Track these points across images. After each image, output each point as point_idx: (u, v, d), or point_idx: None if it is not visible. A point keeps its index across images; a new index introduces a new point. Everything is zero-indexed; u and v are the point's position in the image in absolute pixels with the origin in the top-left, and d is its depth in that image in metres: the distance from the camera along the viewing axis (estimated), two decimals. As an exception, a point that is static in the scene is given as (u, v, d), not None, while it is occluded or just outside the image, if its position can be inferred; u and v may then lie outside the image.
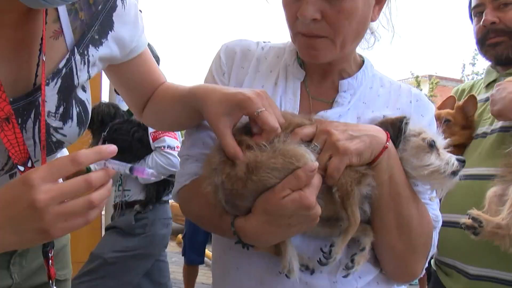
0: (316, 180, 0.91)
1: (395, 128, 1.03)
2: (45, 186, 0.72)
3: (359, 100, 1.14)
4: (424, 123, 1.15)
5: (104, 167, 0.80)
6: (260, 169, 0.90)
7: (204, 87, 1.06)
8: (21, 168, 0.90)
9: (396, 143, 1.02)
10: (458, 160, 1.03)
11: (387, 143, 0.99)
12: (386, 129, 1.02)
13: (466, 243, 1.53)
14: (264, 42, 1.26)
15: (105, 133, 3.25)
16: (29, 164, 0.91)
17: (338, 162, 0.94)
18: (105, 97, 4.33)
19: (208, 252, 5.01)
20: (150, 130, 3.09)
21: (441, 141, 1.06)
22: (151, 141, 3.11)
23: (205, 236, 4.59)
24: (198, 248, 4.69)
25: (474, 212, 1.49)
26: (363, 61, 1.22)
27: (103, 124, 3.35)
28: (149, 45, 3.75)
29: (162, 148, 3.10)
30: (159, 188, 3.19)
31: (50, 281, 0.96)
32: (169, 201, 3.38)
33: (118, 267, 3.01)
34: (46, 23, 0.98)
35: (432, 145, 1.02)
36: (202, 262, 4.89)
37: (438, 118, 1.87)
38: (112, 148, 0.79)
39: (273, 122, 0.94)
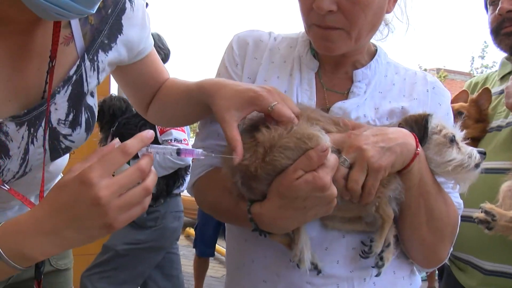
0: (332, 160, 0.90)
1: (420, 127, 1.02)
2: (104, 182, 0.73)
3: (374, 89, 1.14)
4: (442, 112, 1.14)
5: (147, 152, 0.80)
6: (273, 149, 0.90)
7: (214, 81, 1.06)
8: (6, 187, 0.91)
9: (422, 142, 1.01)
10: (479, 152, 1.03)
11: (418, 149, 0.98)
12: (411, 128, 1.02)
13: (482, 238, 1.53)
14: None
15: (113, 128, 3.25)
16: (5, 187, 0.91)
17: (373, 180, 0.94)
18: (113, 90, 4.32)
19: (218, 246, 5.02)
20: None
21: (459, 134, 1.05)
22: (158, 134, 3.10)
23: (216, 229, 4.60)
24: (208, 240, 4.70)
25: (487, 205, 1.48)
26: (376, 50, 1.20)
27: (114, 118, 3.35)
28: (160, 37, 3.71)
29: (169, 141, 3.09)
30: (169, 182, 3.20)
31: None
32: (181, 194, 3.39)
33: (129, 259, 3.04)
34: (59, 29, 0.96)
35: (452, 140, 1.02)
36: (212, 254, 4.89)
37: None
38: (151, 133, 0.80)
39: (289, 113, 0.94)
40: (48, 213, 0.75)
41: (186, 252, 6.56)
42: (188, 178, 3.26)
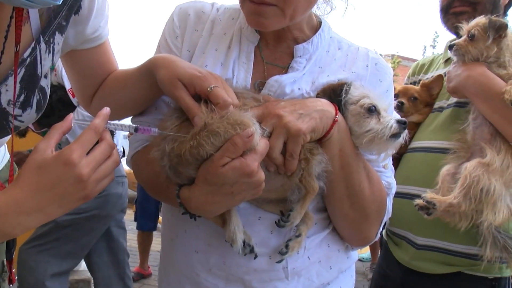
0: (262, 145, 0.90)
1: (337, 96, 1.02)
2: (84, 161, 0.81)
3: (314, 64, 1.12)
4: (381, 89, 1.14)
5: (106, 128, 0.88)
6: (202, 133, 0.88)
7: (164, 55, 1.05)
8: None
9: (340, 110, 1.01)
10: (398, 122, 1.02)
11: (337, 117, 0.98)
12: (329, 97, 1.01)
13: (418, 215, 1.58)
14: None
15: None
16: None
17: (293, 144, 0.94)
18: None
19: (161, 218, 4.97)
20: (68, 86, 2.88)
21: (386, 103, 1.05)
22: (71, 97, 2.91)
23: (158, 202, 4.52)
24: (150, 214, 4.62)
25: (428, 195, 1.54)
26: (320, 23, 1.17)
27: None
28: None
29: None
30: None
31: (11, 285, 1.05)
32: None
33: (73, 229, 2.94)
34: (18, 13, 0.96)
35: (371, 110, 1.01)
36: (154, 228, 4.81)
37: (405, 94, 1.88)
38: (108, 109, 0.88)
39: (226, 97, 0.93)
40: (30, 193, 0.80)
41: (133, 227, 6.46)
42: (116, 139, 3.15)
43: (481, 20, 1.62)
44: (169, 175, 0.95)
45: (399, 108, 1.85)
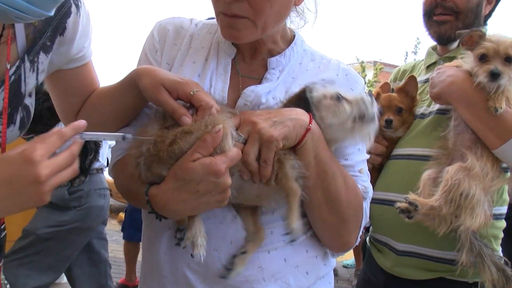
0: (234, 151, 0.94)
1: (304, 99, 1.05)
2: (45, 162, 0.81)
3: (287, 75, 1.17)
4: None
5: (80, 139, 0.88)
6: (180, 134, 0.94)
7: (145, 66, 1.10)
8: None
9: (311, 114, 1.04)
10: (366, 93, 1.06)
11: (310, 125, 1.01)
12: (296, 105, 1.04)
13: (398, 221, 1.59)
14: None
15: None
16: None
17: (266, 151, 0.97)
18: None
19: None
20: None
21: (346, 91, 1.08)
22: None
23: (146, 212, 4.49)
24: (139, 225, 4.57)
25: (411, 196, 1.54)
26: (294, 37, 1.23)
27: None
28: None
29: None
30: (80, 157, 3.01)
31: None
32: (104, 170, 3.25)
33: (54, 242, 2.90)
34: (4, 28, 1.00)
35: (339, 98, 1.04)
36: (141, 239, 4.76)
37: (390, 107, 1.86)
38: (83, 122, 0.88)
39: (209, 99, 0.98)
40: None
41: (118, 237, 6.37)
42: (101, 151, 3.13)
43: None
44: (141, 173, 0.98)
45: (388, 126, 1.81)
